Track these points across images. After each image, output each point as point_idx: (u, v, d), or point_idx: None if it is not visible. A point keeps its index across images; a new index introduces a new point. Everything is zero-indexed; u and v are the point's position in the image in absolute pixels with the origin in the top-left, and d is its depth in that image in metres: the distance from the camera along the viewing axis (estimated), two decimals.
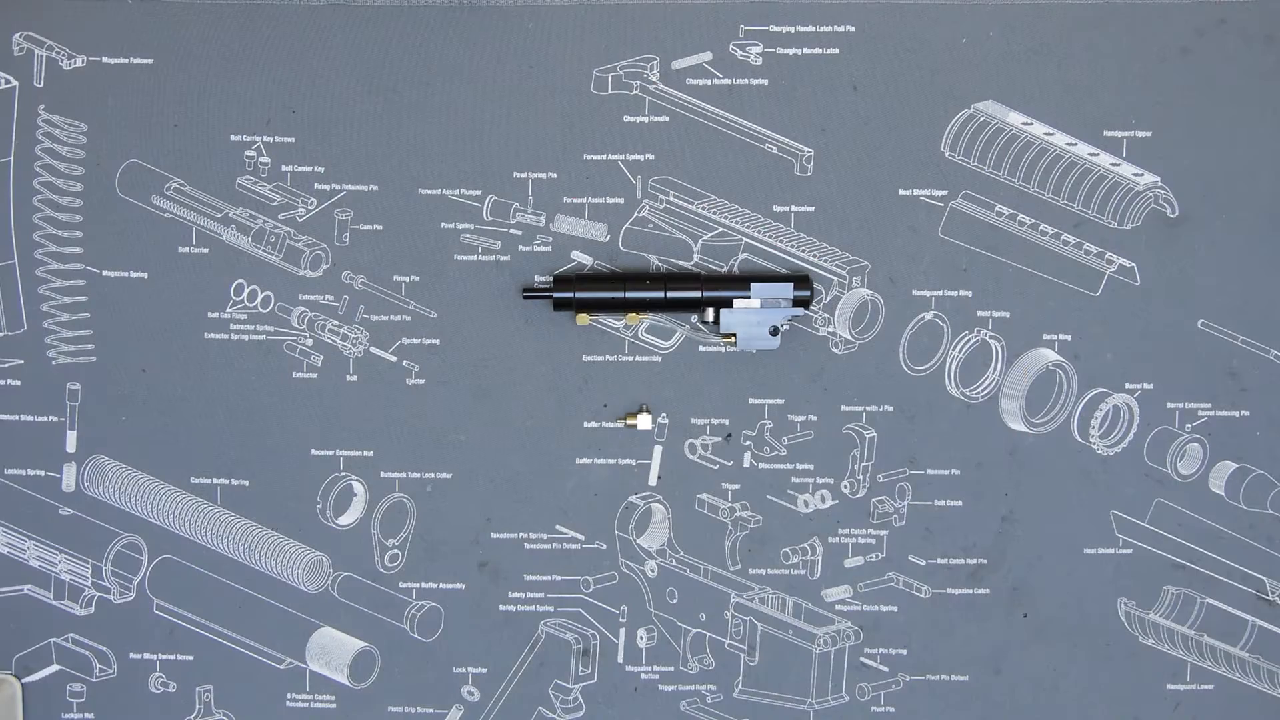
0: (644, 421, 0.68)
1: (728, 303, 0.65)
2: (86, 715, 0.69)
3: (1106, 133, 0.66)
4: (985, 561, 0.68)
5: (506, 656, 0.69)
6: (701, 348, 0.68)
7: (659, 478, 0.68)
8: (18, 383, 0.68)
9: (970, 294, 0.67)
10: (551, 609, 0.69)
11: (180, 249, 0.67)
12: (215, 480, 0.68)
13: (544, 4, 0.67)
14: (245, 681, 0.68)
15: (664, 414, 0.68)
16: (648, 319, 0.67)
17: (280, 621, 0.68)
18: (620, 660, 0.69)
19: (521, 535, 0.68)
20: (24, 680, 0.68)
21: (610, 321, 0.67)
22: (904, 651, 0.68)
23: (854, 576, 0.68)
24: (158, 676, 0.69)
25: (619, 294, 0.65)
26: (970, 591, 0.68)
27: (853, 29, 0.66)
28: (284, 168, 0.67)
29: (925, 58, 0.66)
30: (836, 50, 0.67)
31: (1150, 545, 0.67)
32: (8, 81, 0.66)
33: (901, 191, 0.67)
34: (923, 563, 0.68)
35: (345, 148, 0.67)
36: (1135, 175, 0.66)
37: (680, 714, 0.69)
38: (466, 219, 0.67)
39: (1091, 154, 0.66)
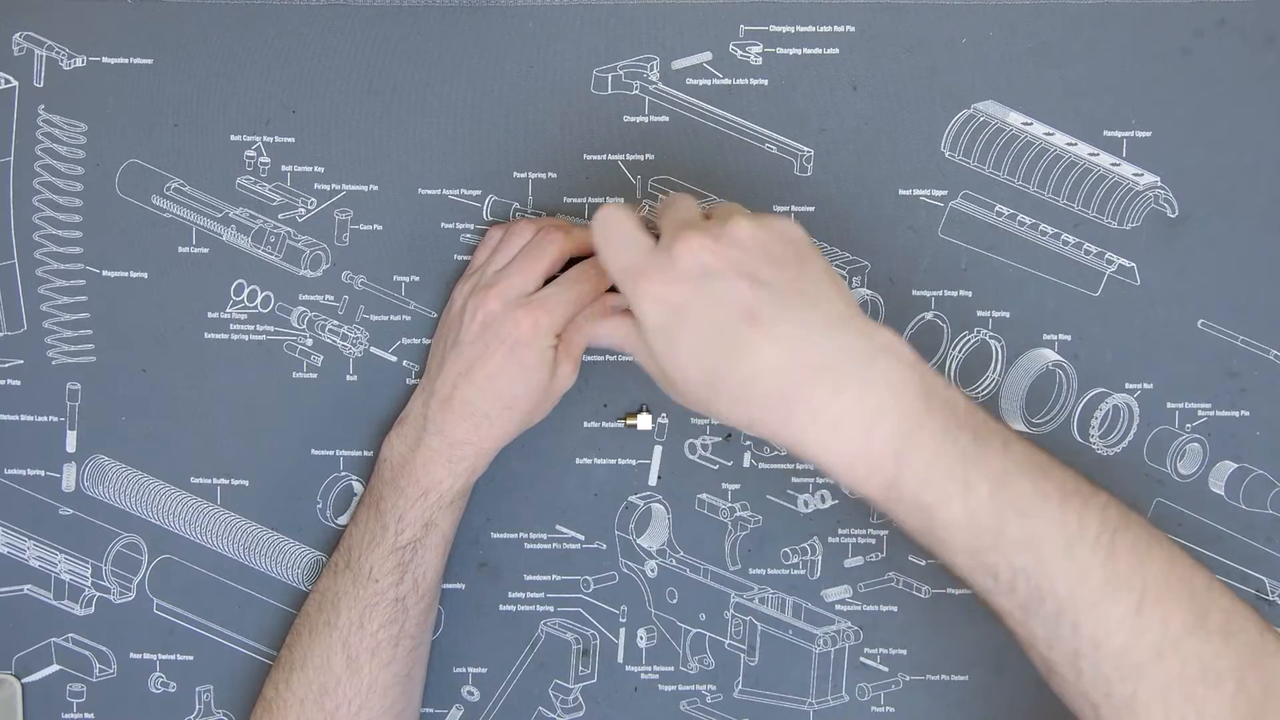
0: (644, 421, 0.68)
1: None
2: (86, 715, 0.69)
3: (1106, 133, 0.66)
4: None
5: (506, 656, 0.69)
6: None
7: (659, 478, 0.68)
8: (18, 383, 0.68)
9: (970, 294, 0.67)
10: (551, 609, 0.69)
11: (180, 249, 0.67)
12: (215, 480, 0.68)
13: (544, 4, 0.67)
14: (245, 681, 0.68)
15: (664, 414, 0.68)
16: None
17: (280, 621, 0.68)
18: (620, 660, 0.69)
19: (521, 535, 0.68)
20: (24, 680, 0.68)
21: None
22: (904, 651, 0.68)
23: (854, 576, 0.68)
24: (158, 676, 0.69)
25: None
26: (971, 591, 0.68)
27: (853, 29, 0.66)
28: (284, 168, 0.67)
29: (925, 58, 0.66)
30: (836, 50, 0.67)
31: None
32: (8, 81, 0.67)
33: (901, 191, 0.67)
34: (923, 563, 0.68)
35: (345, 148, 0.67)
36: (1135, 175, 0.66)
37: (680, 714, 0.69)
38: (466, 219, 0.67)
39: (1091, 154, 0.66)
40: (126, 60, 0.67)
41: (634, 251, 0.52)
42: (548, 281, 0.61)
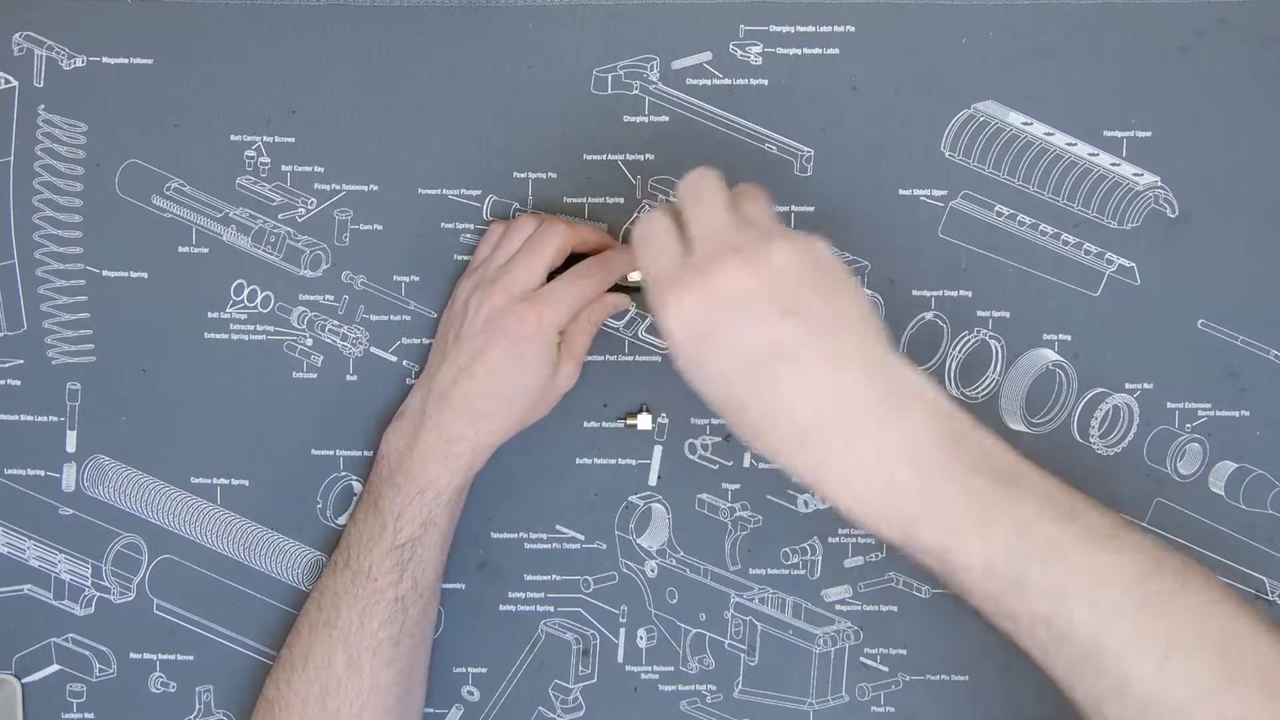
0: (644, 421, 0.68)
1: None
2: (86, 715, 0.69)
3: (1106, 133, 0.66)
4: None
5: (506, 656, 0.69)
6: None
7: (659, 478, 0.68)
8: (18, 383, 0.68)
9: (970, 294, 0.67)
10: (551, 609, 0.69)
11: (180, 249, 0.67)
12: (215, 480, 0.68)
13: (544, 4, 0.67)
14: (245, 681, 0.68)
15: (664, 414, 0.68)
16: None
17: (280, 621, 0.68)
18: (620, 660, 0.69)
19: (521, 535, 0.68)
20: (24, 680, 0.68)
21: (610, 321, 0.67)
22: (904, 651, 0.68)
23: (854, 576, 0.68)
24: (158, 676, 0.69)
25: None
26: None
27: (853, 29, 0.66)
28: (284, 168, 0.67)
29: (925, 58, 0.66)
30: (836, 50, 0.67)
31: None
32: (8, 81, 0.67)
33: (901, 191, 0.67)
34: None
35: (345, 148, 0.67)
36: (1135, 175, 0.66)
37: (680, 714, 0.69)
38: (466, 219, 0.67)
39: (1091, 154, 0.66)
40: (126, 60, 0.67)
41: (668, 259, 0.50)
42: (551, 277, 0.61)
